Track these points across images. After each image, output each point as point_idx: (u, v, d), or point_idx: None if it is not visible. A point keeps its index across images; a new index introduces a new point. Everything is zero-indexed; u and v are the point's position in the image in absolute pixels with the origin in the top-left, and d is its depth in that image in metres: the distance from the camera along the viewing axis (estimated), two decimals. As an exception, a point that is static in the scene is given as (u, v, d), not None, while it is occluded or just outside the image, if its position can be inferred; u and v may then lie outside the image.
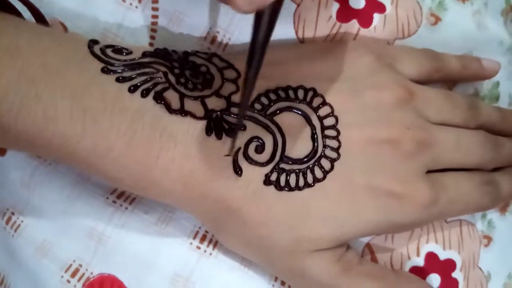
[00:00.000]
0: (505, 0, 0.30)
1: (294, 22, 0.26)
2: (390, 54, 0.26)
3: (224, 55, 0.25)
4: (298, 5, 0.26)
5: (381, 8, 0.27)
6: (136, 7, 0.26)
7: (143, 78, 0.23)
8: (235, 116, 0.23)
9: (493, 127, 0.28)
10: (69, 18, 0.26)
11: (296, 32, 0.26)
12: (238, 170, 0.23)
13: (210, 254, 0.26)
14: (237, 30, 0.26)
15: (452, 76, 0.28)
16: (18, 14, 0.25)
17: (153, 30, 0.26)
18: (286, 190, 0.23)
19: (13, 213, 0.27)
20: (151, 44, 0.26)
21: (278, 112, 0.24)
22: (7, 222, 0.27)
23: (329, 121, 0.24)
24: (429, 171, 0.25)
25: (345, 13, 0.26)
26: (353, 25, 0.26)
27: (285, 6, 0.26)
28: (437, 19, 0.27)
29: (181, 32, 0.26)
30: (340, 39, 0.27)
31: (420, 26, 0.27)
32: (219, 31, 0.26)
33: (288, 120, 0.24)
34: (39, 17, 0.25)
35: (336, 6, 0.26)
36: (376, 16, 0.27)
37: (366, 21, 0.27)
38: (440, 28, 0.28)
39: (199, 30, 0.26)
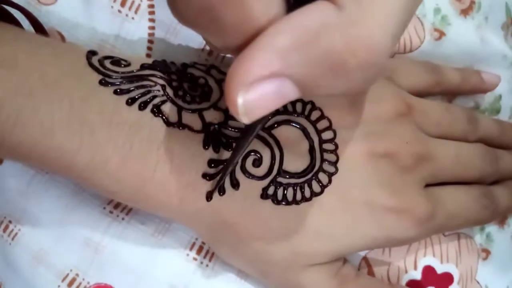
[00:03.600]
0: (506, 13, 0.30)
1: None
2: (389, 67, 0.26)
3: (222, 66, 0.25)
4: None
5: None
6: (133, 18, 0.26)
7: (141, 91, 0.22)
8: (232, 130, 0.23)
9: (492, 140, 0.28)
10: (66, 28, 0.26)
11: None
12: (235, 184, 0.23)
13: (207, 265, 0.26)
14: None
15: (452, 89, 0.28)
16: (17, 23, 0.25)
17: (150, 41, 0.26)
18: (283, 204, 0.23)
19: (10, 222, 0.27)
20: (148, 55, 0.26)
21: (276, 125, 0.23)
22: (4, 230, 0.27)
23: (327, 135, 0.24)
24: (427, 185, 0.25)
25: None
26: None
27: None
28: (441, 34, 0.27)
29: (178, 43, 0.26)
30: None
31: (424, 42, 0.27)
32: (218, 42, 0.26)
33: (286, 133, 0.23)
34: (38, 27, 0.25)
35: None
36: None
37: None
38: (444, 43, 0.27)
39: (196, 41, 0.26)
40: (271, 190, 0.23)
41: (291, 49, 0.15)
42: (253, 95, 0.15)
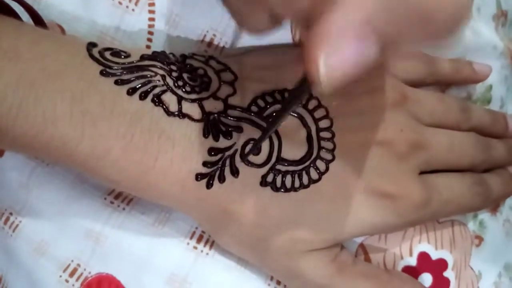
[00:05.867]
0: (496, 5, 0.30)
1: (291, 27, 0.26)
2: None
3: (221, 57, 0.26)
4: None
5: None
6: (133, 10, 0.26)
7: (141, 81, 0.23)
8: (232, 119, 0.23)
9: (484, 129, 0.29)
10: (66, 20, 0.26)
11: (293, 38, 0.27)
12: (235, 172, 0.23)
13: (207, 254, 0.27)
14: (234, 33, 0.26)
15: (445, 80, 0.29)
16: (16, 16, 0.25)
17: (150, 33, 0.26)
18: (282, 191, 0.23)
19: (11, 213, 0.28)
20: (148, 47, 0.26)
21: (274, 114, 0.24)
22: (5, 222, 0.28)
23: (324, 123, 0.24)
24: (422, 172, 0.26)
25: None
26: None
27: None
28: None
29: (178, 35, 0.26)
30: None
31: None
32: (216, 34, 0.26)
33: (284, 122, 0.24)
34: (38, 20, 0.26)
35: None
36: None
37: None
38: None
39: (195, 33, 0.26)
40: (270, 178, 0.23)
41: (379, 8, 0.14)
42: (336, 57, 0.14)
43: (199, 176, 0.23)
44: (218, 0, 0.25)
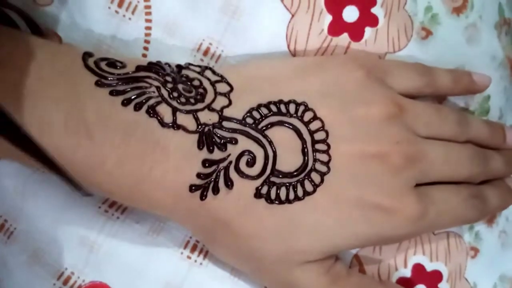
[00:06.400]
0: (499, 13, 0.30)
1: (286, 35, 0.26)
2: (380, 68, 0.26)
3: (216, 68, 0.26)
4: (293, 16, 0.26)
5: (374, 21, 0.27)
6: (130, 18, 0.26)
7: (136, 92, 0.23)
8: (226, 130, 0.23)
9: (482, 140, 0.29)
10: (63, 29, 0.26)
11: (288, 46, 0.26)
12: (229, 184, 0.23)
13: (201, 263, 0.27)
14: (230, 42, 0.26)
15: (443, 90, 0.28)
16: (14, 24, 0.25)
17: (147, 42, 0.26)
18: (276, 203, 0.23)
19: (6, 220, 0.28)
20: (144, 55, 0.26)
21: (269, 126, 0.24)
22: (0, 229, 0.28)
23: (319, 135, 0.24)
24: (417, 184, 0.25)
25: (337, 26, 0.27)
26: (344, 39, 0.27)
27: (279, 19, 0.26)
28: (428, 33, 0.28)
29: (174, 43, 0.26)
30: (331, 53, 0.27)
31: (410, 41, 0.27)
32: (212, 43, 0.26)
33: (279, 134, 0.24)
34: (35, 28, 0.25)
35: (328, 18, 0.26)
36: (368, 30, 0.27)
37: (357, 35, 0.27)
38: (431, 43, 0.28)
39: (192, 42, 0.26)
40: (264, 190, 0.23)
41: None
42: None
43: (193, 188, 0.23)
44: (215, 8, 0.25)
